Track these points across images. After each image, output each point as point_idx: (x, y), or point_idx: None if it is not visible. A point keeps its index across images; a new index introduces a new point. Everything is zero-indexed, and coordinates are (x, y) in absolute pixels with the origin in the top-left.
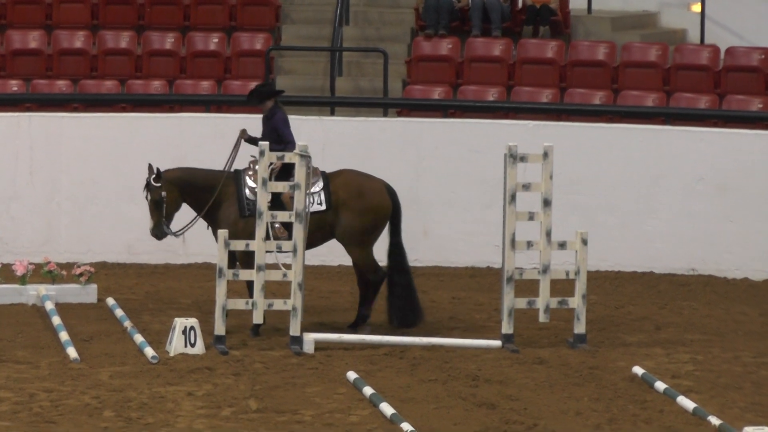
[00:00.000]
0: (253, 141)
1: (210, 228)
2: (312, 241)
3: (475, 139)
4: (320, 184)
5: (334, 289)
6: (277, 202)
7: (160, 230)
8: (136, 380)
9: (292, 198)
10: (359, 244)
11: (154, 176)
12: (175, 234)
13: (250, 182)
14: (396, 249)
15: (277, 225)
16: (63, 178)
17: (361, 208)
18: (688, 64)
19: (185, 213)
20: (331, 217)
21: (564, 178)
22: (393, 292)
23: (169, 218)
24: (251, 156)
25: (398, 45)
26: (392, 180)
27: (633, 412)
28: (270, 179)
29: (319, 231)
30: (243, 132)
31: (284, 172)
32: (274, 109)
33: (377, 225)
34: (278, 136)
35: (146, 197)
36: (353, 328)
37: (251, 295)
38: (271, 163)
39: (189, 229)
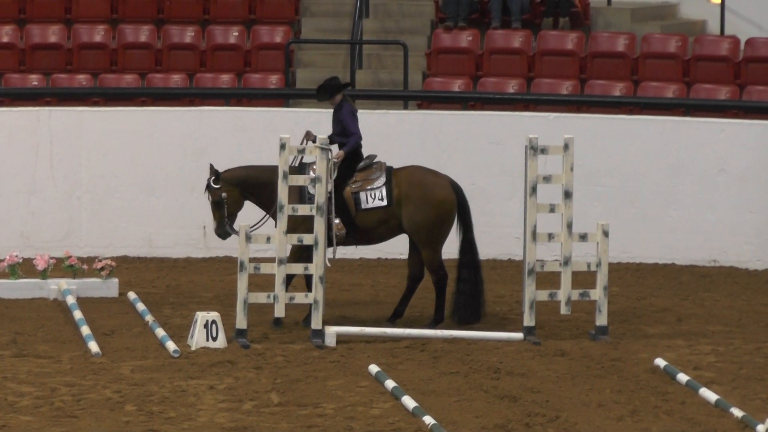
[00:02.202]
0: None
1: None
2: (377, 236)
3: (495, 131)
4: (382, 180)
5: (355, 282)
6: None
7: (222, 230)
8: (158, 374)
9: (353, 194)
10: (428, 241)
11: (213, 178)
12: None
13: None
14: (467, 246)
15: (336, 221)
16: (83, 172)
17: (423, 202)
18: (708, 55)
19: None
20: (395, 212)
21: (585, 169)
22: (458, 289)
23: (232, 218)
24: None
25: (418, 37)
26: None
27: (655, 403)
28: (333, 173)
29: (383, 225)
30: (308, 133)
31: (347, 166)
32: (342, 103)
33: (442, 220)
34: (343, 129)
35: (207, 198)
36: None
37: (309, 289)
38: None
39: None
